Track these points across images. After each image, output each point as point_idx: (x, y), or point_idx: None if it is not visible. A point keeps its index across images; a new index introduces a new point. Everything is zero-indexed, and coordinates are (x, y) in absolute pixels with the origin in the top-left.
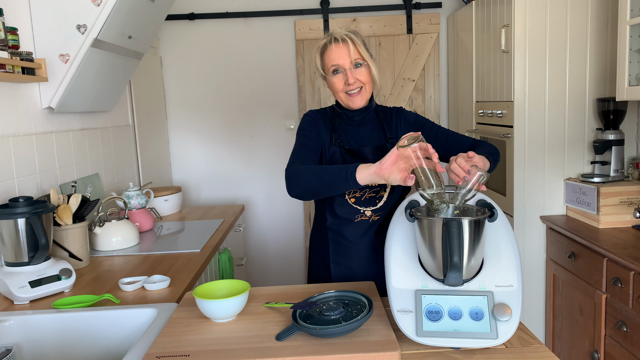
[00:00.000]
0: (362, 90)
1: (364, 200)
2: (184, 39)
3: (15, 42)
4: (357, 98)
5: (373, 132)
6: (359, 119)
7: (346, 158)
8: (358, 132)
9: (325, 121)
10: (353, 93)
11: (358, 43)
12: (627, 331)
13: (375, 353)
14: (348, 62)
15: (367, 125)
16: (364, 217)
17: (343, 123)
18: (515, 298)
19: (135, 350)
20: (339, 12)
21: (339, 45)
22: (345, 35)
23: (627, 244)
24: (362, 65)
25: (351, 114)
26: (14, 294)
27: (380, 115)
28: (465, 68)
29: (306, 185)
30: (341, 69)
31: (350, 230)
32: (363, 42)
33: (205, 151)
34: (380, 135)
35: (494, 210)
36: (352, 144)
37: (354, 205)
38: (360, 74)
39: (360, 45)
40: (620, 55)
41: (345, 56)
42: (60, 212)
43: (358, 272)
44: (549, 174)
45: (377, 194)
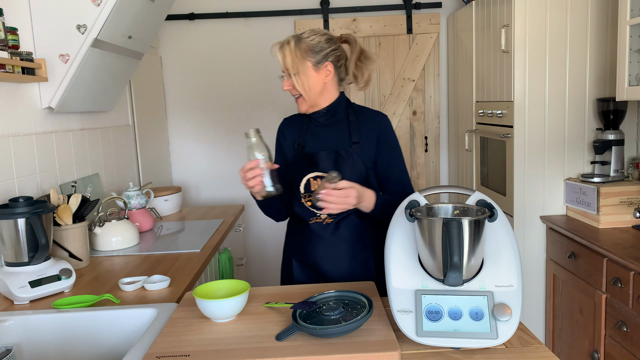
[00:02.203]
0: (300, 97)
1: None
2: (184, 39)
3: (15, 42)
4: (299, 103)
5: (338, 134)
6: (323, 121)
7: (300, 162)
8: (324, 134)
9: (295, 125)
10: (295, 98)
11: (289, 54)
12: (627, 331)
13: (375, 353)
14: (284, 69)
15: (334, 127)
16: (319, 220)
17: (312, 125)
18: (515, 298)
19: (135, 350)
20: (339, 12)
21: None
22: (280, 45)
23: (627, 244)
24: (296, 75)
25: (315, 115)
26: (14, 294)
27: (350, 117)
28: (465, 68)
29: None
30: (284, 74)
31: (306, 231)
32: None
33: (205, 151)
34: (345, 138)
35: (494, 210)
36: (314, 147)
37: (310, 209)
38: (295, 83)
39: (288, 56)
40: (620, 55)
41: (283, 65)
42: (60, 212)
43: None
44: (548, 174)
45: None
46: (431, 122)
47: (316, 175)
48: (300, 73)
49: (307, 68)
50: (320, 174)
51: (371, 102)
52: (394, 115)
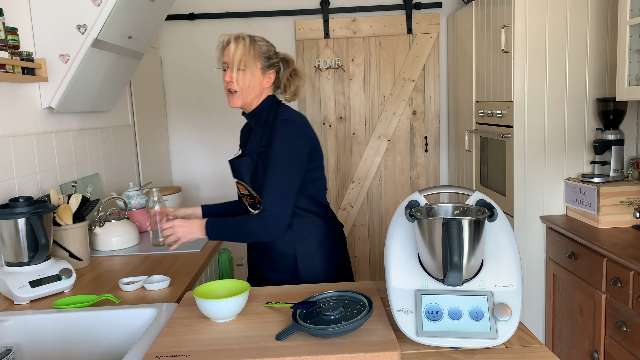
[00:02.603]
0: (237, 93)
1: (250, 204)
2: (184, 39)
3: (15, 42)
4: (233, 98)
5: (257, 139)
6: (254, 124)
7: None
8: (253, 139)
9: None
10: (231, 92)
11: (246, 48)
12: (627, 331)
13: (375, 353)
14: (232, 62)
15: (257, 131)
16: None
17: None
18: (515, 298)
19: (135, 350)
20: (339, 12)
21: (230, 46)
22: (237, 38)
23: (627, 244)
24: (243, 71)
25: (246, 117)
26: (14, 294)
27: (268, 122)
28: (465, 68)
29: None
30: (226, 66)
31: None
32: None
33: (205, 151)
34: (259, 144)
35: (494, 210)
36: (246, 151)
37: (248, 207)
38: (239, 78)
39: (245, 51)
40: (620, 55)
41: (231, 56)
42: (60, 212)
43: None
44: (548, 174)
45: (255, 200)
46: (431, 122)
47: (237, 181)
48: (248, 70)
49: (255, 68)
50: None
51: (371, 102)
52: (394, 115)
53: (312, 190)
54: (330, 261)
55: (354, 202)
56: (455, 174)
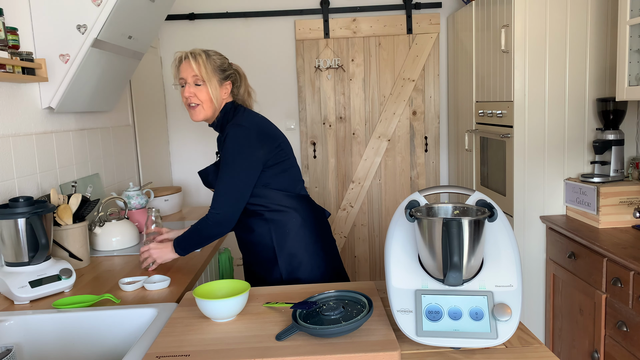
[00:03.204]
0: (198, 107)
1: None
2: (184, 39)
3: (15, 42)
4: (194, 113)
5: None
6: (219, 132)
7: None
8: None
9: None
10: (192, 106)
11: (202, 63)
12: (627, 331)
13: (375, 353)
14: (190, 78)
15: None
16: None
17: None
18: (515, 298)
19: (135, 350)
20: (339, 12)
21: (186, 62)
22: (191, 54)
23: (627, 244)
24: (201, 85)
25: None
26: (14, 294)
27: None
28: (465, 68)
29: None
30: (184, 82)
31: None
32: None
33: (205, 151)
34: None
35: (494, 210)
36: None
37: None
38: (198, 92)
39: (202, 65)
40: (620, 55)
41: (189, 71)
42: (60, 212)
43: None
44: (549, 174)
45: None
46: (431, 122)
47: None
48: (205, 84)
49: (213, 81)
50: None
51: (371, 102)
52: (394, 115)
53: (282, 184)
54: (310, 250)
55: (354, 202)
56: (455, 174)
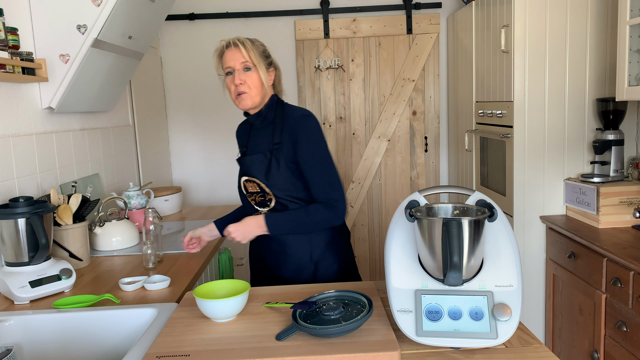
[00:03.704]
0: (247, 94)
1: (258, 202)
2: (184, 39)
3: (15, 42)
4: (243, 100)
5: (266, 137)
6: (258, 124)
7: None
8: (257, 138)
9: (242, 130)
10: (240, 95)
11: (249, 48)
12: (627, 331)
13: (375, 353)
14: (238, 64)
15: (264, 130)
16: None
17: (253, 130)
18: (515, 298)
19: (135, 350)
20: (339, 12)
21: (232, 49)
22: (238, 40)
23: (627, 244)
24: (251, 70)
25: (250, 119)
26: (14, 294)
27: (276, 119)
28: (465, 68)
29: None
30: (232, 70)
31: None
32: (261, 50)
33: (205, 151)
34: (270, 140)
35: (494, 210)
36: (251, 150)
37: (254, 206)
38: (248, 78)
39: (251, 51)
40: (620, 55)
41: (236, 58)
42: (60, 212)
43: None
44: (548, 174)
45: (265, 197)
46: (431, 122)
47: (247, 179)
48: (254, 70)
49: (261, 67)
50: (248, 177)
51: (371, 102)
52: (394, 115)
53: None
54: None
55: (354, 202)
56: (455, 174)
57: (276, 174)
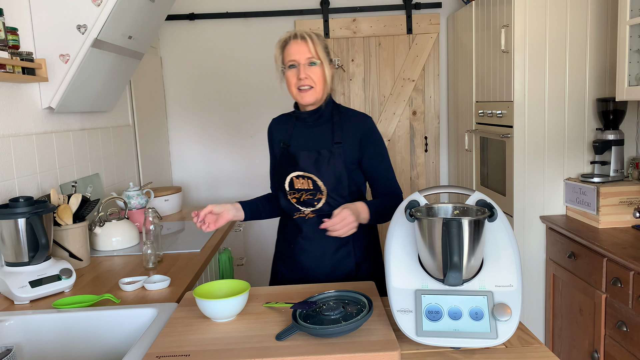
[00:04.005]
0: (312, 89)
1: (303, 201)
2: (184, 39)
3: (15, 42)
4: (306, 95)
5: (324, 134)
6: (312, 121)
7: (285, 161)
8: (309, 134)
9: (283, 125)
10: (304, 89)
11: (316, 43)
12: (627, 331)
13: (375, 353)
14: (303, 59)
15: (319, 128)
16: (302, 214)
17: (299, 125)
18: (515, 298)
19: (135, 350)
20: (339, 12)
21: (298, 42)
22: (305, 34)
23: (627, 244)
24: (317, 65)
25: (303, 115)
26: (14, 294)
27: (335, 118)
28: (465, 68)
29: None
30: (296, 64)
31: (291, 225)
32: (324, 45)
33: (205, 151)
34: (328, 139)
35: (494, 210)
36: (299, 146)
37: (295, 205)
38: (313, 72)
39: (318, 45)
40: (620, 55)
41: (302, 52)
42: (60, 212)
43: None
44: (548, 174)
45: (314, 196)
46: (431, 122)
47: (298, 175)
48: (320, 64)
49: (326, 62)
50: (301, 173)
51: (371, 102)
52: (394, 115)
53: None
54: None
55: None
56: (455, 174)
57: (332, 172)
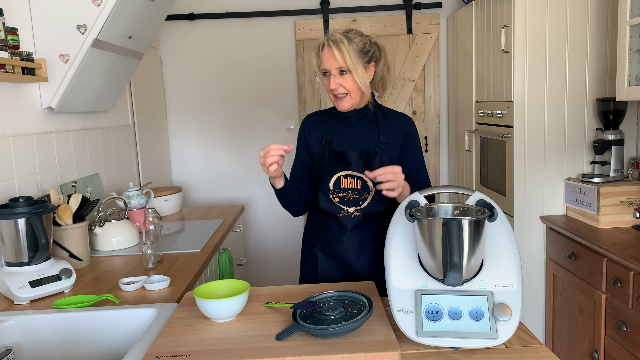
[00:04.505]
0: (347, 96)
1: (347, 200)
2: (184, 39)
3: (15, 42)
4: (342, 102)
5: (369, 134)
6: (355, 120)
7: (329, 159)
8: (353, 134)
9: (321, 122)
10: (340, 96)
11: (345, 51)
12: (627, 331)
13: (375, 353)
14: (334, 68)
15: (364, 127)
16: (347, 213)
17: (340, 123)
18: (515, 298)
19: (135, 350)
20: (339, 12)
21: (330, 50)
22: (335, 42)
23: (627, 244)
24: (347, 73)
25: (346, 115)
26: (14, 294)
27: (379, 119)
28: (465, 68)
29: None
30: (328, 72)
31: (333, 224)
32: (359, 48)
33: (205, 151)
34: (374, 138)
35: (494, 210)
36: (342, 145)
37: (337, 204)
38: (344, 81)
39: (347, 53)
40: (620, 55)
41: (332, 61)
42: (60, 212)
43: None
44: (549, 174)
45: (361, 196)
46: (431, 122)
47: (347, 174)
48: (355, 71)
49: (360, 67)
50: (351, 172)
51: None
52: None
53: None
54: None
55: None
56: (455, 174)
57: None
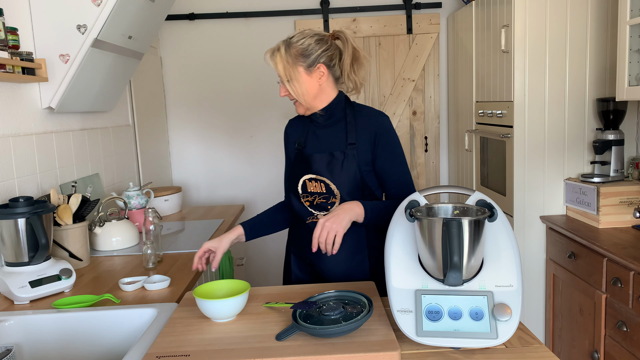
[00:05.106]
0: (297, 102)
1: (317, 205)
2: (184, 39)
3: (15, 42)
4: (297, 107)
5: (335, 135)
6: (322, 122)
7: (298, 163)
8: (321, 135)
9: (299, 126)
10: (293, 100)
11: (278, 61)
12: (627, 331)
13: (375, 353)
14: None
15: (332, 128)
16: (315, 219)
17: (312, 125)
18: (515, 298)
19: (135, 350)
20: (339, 12)
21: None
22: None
23: (627, 244)
24: (290, 82)
25: (314, 117)
26: (14, 294)
27: (348, 118)
28: (465, 68)
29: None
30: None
31: (304, 229)
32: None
33: (205, 151)
34: (342, 139)
35: (494, 210)
36: (312, 148)
37: (308, 208)
38: (290, 88)
39: (280, 63)
40: (620, 55)
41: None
42: (60, 212)
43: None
44: (548, 174)
45: (327, 200)
46: (431, 122)
47: (311, 177)
48: (293, 79)
49: (299, 74)
50: (314, 176)
51: (371, 102)
52: (394, 115)
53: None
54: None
55: None
56: (455, 174)
57: (346, 175)
